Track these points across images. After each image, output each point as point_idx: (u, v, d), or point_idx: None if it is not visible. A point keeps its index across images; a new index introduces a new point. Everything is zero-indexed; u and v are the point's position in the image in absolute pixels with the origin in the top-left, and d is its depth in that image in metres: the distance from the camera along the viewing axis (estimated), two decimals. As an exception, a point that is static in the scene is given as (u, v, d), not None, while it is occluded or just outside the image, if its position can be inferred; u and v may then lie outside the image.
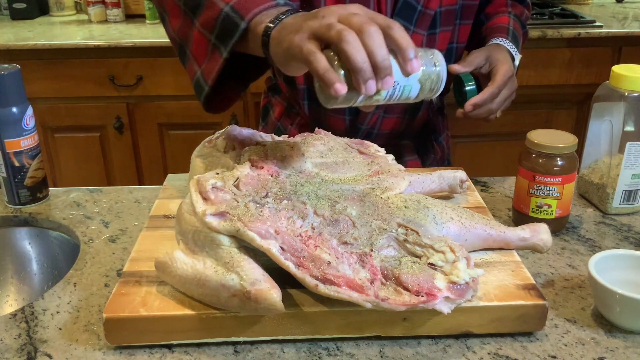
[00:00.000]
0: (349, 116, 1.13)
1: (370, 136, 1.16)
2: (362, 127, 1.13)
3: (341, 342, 0.71)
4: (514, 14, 1.14)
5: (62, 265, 0.99)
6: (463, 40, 1.14)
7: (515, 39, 1.10)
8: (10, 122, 0.97)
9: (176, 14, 0.85)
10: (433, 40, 1.09)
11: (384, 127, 1.15)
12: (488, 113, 1.02)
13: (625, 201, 0.98)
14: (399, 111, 1.13)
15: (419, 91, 0.68)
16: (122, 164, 2.36)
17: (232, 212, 0.70)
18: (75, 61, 2.19)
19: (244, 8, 0.74)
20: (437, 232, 0.75)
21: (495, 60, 1.02)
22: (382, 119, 1.13)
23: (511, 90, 1.03)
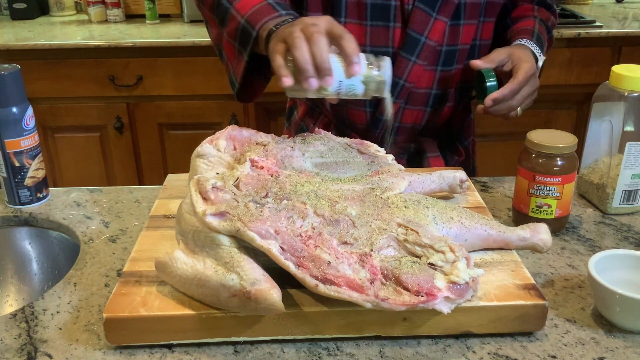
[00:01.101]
0: (369, 108, 1.12)
1: (391, 129, 1.15)
2: (382, 118, 1.12)
3: (341, 342, 0.71)
4: (539, 19, 1.14)
5: (62, 265, 0.99)
6: (486, 37, 1.13)
7: (539, 42, 1.10)
8: (10, 122, 0.97)
9: (213, 24, 1.03)
10: (457, 32, 1.08)
11: (405, 120, 1.14)
12: (508, 109, 1.02)
13: (625, 201, 0.98)
14: (420, 103, 1.12)
15: (365, 90, 0.82)
16: (122, 164, 2.37)
17: (232, 212, 0.70)
18: (75, 61, 2.19)
19: (255, 20, 0.91)
20: (437, 232, 0.75)
21: (517, 58, 1.02)
22: (403, 111, 1.12)
23: (533, 88, 1.03)
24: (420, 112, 1.14)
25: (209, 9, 1.02)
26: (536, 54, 1.07)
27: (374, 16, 1.05)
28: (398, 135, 1.16)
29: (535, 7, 1.17)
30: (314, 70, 0.77)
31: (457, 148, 1.23)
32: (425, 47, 1.06)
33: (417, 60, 1.06)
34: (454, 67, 1.11)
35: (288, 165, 0.84)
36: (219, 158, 0.85)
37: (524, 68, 1.00)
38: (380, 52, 1.03)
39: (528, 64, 1.01)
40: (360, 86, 0.80)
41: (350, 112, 1.15)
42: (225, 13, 0.97)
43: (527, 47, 1.06)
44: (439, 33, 1.06)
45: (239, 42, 0.95)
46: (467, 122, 1.25)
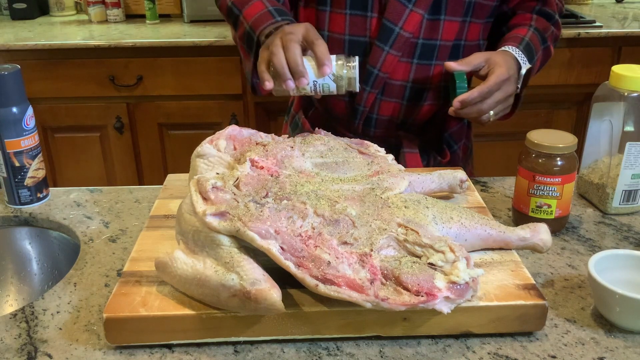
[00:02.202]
0: (347, 98, 1.15)
1: (370, 121, 1.16)
2: (359, 107, 1.14)
3: (341, 342, 0.71)
4: (534, 27, 1.13)
5: (62, 265, 0.99)
6: (472, 38, 1.13)
7: (528, 50, 1.09)
8: (10, 122, 0.97)
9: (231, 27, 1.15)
10: (436, 27, 1.08)
11: (382, 111, 1.15)
12: (478, 113, 1.01)
13: (625, 201, 0.98)
14: (396, 96, 1.13)
15: (338, 87, 0.94)
16: (122, 164, 2.37)
17: (232, 212, 0.70)
18: (75, 61, 2.19)
19: (256, 26, 1.03)
20: (437, 232, 0.75)
21: (493, 63, 1.02)
22: (380, 102, 1.14)
23: (505, 94, 1.02)
24: (397, 105, 1.15)
25: (224, 15, 1.13)
26: (520, 61, 1.06)
27: (353, 5, 1.08)
28: (376, 127, 1.17)
29: (534, 16, 1.16)
30: (290, 73, 0.89)
31: (443, 150, 1.22)
32: (399, 37, 1.07)
33: (391, 50, 1.08)
34: (433, 63, 1.11)
35: (288, 165, 0.84)
36: (219, 158, 0.85)
37: (496, 73, 1.00)
38: (358, 41, 1.10)
39: (502, 69, 1.00)
40: (332, 84, 0.93)
41: (332, 102, 1.18)
42: (236, 19, 1.08)
43: (509, 54, 1.06)
44: (414, 25, 1.07)
45: (246, 45, 1.07)
46: (459, 127, 1.24)
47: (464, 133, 1.26)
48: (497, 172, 1.55)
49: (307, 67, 0.91)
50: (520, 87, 1.08)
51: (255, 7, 1.04)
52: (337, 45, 1.11)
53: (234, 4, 1.08)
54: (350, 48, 1.11)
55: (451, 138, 1.23)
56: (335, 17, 1.10)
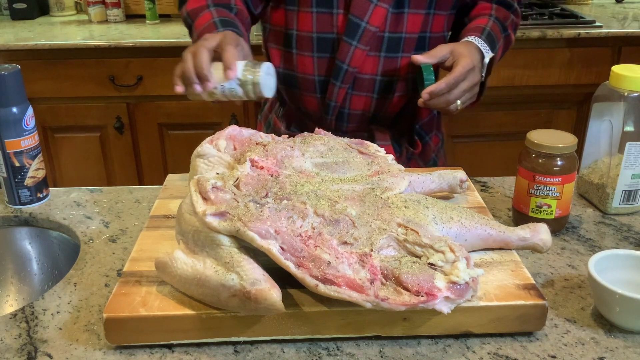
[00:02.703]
0: (319, 94, 1.17)
1: (342, 116, 1.18)
2: (331, 103, 1.16)
3: (341, 342, 0.71)
4: (495, 17, 1.16)
5: (62, 265, 0.99)
6: (437, 30, 1.15)
7: (490, 39, 1.12)
8: (10, 122, 0.97)
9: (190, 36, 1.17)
10: (401, 20, 1.11)
11: (353, 106, 1.17)
12: (446, 103, 1.04)
13: (625, 201, 0.98)
14: (366, 89, 1.16)
15: (244, 92, 0.96)
16: (122, 164, 2.36)
17: (232, 212, 0.70)
18: (75, 61, 2.19)
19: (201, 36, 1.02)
20: (437, 232, 0.75)
21: (458, 54, 1.05)
22: (351, 97, 1.16)
23: (471, 83, 1.05)
24: (368, 99, 1.17)
25: (183, 22, 1.16)
26: (482, 51, 1.09)
27: (319, 3, 1.10)
28: (349, 122, 1.19)
29: (493, 6, 1.19)
30: (196, 77, 0.93)
31: (414, 142, 1.25)
32: (365, 32, 1.09)
33: (359, 44, 1.10)
34: (400, 55, 1.13)
35: (288, 165, 0.84)
36: (219, 158, 0.85)
37: (461, 63, 1.03)
38: (326, 38, 1.13)
39: (467, 59, 1.03)
40: (238, 88, 0.95)
41: (304, 99, 1.19)
42: (190, 28, 1.12)
43: (472, 44, 1.09)
44: (380, 19, 1.09)
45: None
46: (429, 118, 1.27)
47: (434, 124, 1.29)
48: (497, 172, 1.55)
49: (214, 71, 0.94)
50: (485, 75, 1.11)
51: (204, 18, 1.07)
52: (307, 44, 1.13)
53: (189, 14, 1.11)
54: (319, 45, 1.13)
55: (422, 129, 1.26)
56: (303, 16, 1.12)
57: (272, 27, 1.18)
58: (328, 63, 1.14)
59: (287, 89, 1.22)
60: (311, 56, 1.14)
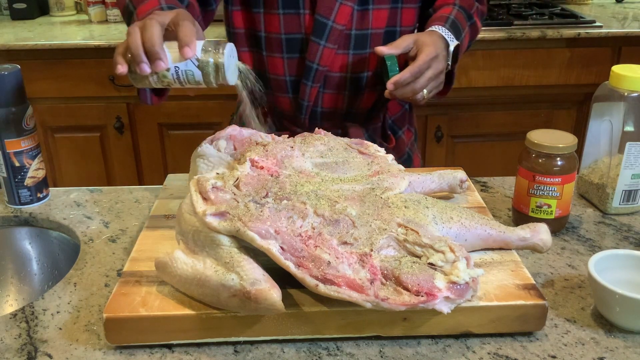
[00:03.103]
0: (291, 94, 1.17)
1: (315, 115, 1.18)
2: (304, 102, 1.16)
3: (341, 342, 0.71)
4: (459, 6, 1.16)
5: (62, 265, 0.99)
6: (407, 24, 1.16)
7: (455, 28, 1.12)
8: (10, 122, 0.97)
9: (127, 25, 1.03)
10: (366, 17, 1.12)
11: (326, 104, 1.18)
12: (412, 93, 1.03)
13: (625, 201, 0.98)
14: (338, 87, 1.16)
15: (204, 75, 0.81)
16: (122, 164, 2.36)
17: (232, 212, 0.70)
18: (75, 61, 2.19)
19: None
20: (437, 232, 0.75)
21: (421, 43, 1.04)
22: (323, 95, 1.16)
23: (436, 71, 1.04)
24: (340, 96, 1.17)
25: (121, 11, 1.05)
26: (447, 39, 1.08)
27: (285, 4, 1.10)
28: (322, 120, 1.19)
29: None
30: (145, 55, 0.79)
31: (388, 136, 1.26)
32: (332, 30, 1.10)
33: (327, 44, 1.11)
34: (368, 51, 1.14)
35: (288, 165, 0.84)
36: (219, 158, 0.85)
37: (425, 52, 1.02)
38: (294, 39, 1.13)
39: (430, 48, 1.03)
40: (197, 71, 0.81)
41: (277, 99, 1.20)
42: (130, 16, 1.00)
43: (436, 33, 1.08)
44: (346, 17, 1.10)
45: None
46: (401, 112, 1.28)
47: (406, 119, 1.30)
48: (497, 172, 1.55)
49: (167, 51, 0.79)
50: (451, 64, 1.10)
51: (150, 4, 0.96)
52: (276, 45, 1.13)
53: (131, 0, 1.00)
54: (288, 46, 1.13)
55: (394, 124, 1.27)
56: (269, 18, 1.12)
57: (237, 30, 1.17)
58: (298, 63, 1.14)
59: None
60: (281, 57, 1.14)
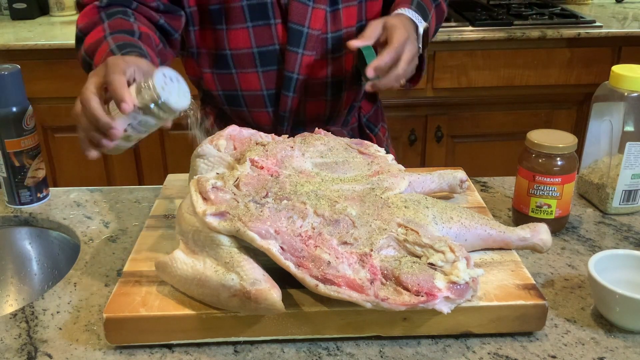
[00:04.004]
0: (270, 108, 1.14)
1: (297, 124, 1.16)
2: (285, 114, 1.14)
3: (341, 342, 0.71)
4: None
5: (62, 265, 0.99)
6: (373, 17, 1.13)
7: (421, 9, 1.08)
8: (10, 122, 0.97)
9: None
10: (338, 18, 1.10)
11: (309, 112, 1.16)
12: (396, 79, 0.98)
13: (625, 201, 0.98)
14: (319, 94, 1.14)
15: (157, 118, 0.75)
16: (122, 164, 2.36)
17: (232, 212, 0.70)
18: (75, 61, 2.17)
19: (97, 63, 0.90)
20: (437, 232, 0.75)
21: (390, 26, 0.99)
22: (305, 104, 1.14)
23: (411, 54, 0.99)
24: (322, 102, 1.16)
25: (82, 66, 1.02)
26: (415, 21, 1.04)
27: (253, 17, 1.06)
28: (306, 127, 1.17)
29: None
30: (100, 134, 0.75)
31: (367, 136, 1.25)
32: (309, 37, 1.07)
33: (305, 51, 1.08)
34: (344, 52, 1.12)
35: (288, 165, 0.84)
36: (219, 158, 0.85)
37: (396, 34, 0.97)
38: (268, 51, 1.08)
39: (400, 30, 0.98)
40: (147, 118, 0.75)
41: (253, 115, 1.16)
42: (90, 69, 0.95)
43: (403, 15, 1.04)
44: (320, 21, 1.07)
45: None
46: (373, 109, 1.27)
47: (379, 115, 1.29)
48: (497, 172, 1.55)
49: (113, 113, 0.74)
50: (422, 47, 1.07)
51: (101, 51, 0.91)
52: (248, 60, 1.09)
53: (87, 52, 0.96)
54: (262, 59, 1.09)
55: (370, 122, 1.27)
56: (236, 34, 1.07)
57: (200, 51, 1.11)
58: (276, 75, 1.10)
59: (231, 109, 1.17)
60: (255, 72, 1.10)
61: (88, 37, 0.96)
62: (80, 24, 1.00)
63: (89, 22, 0.99)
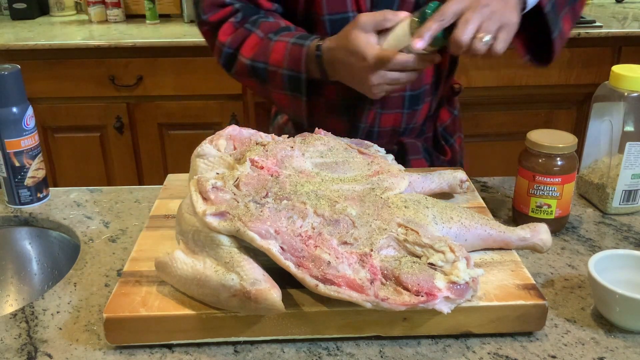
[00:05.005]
0: (347, 117, 1.13)
1: (371, 134, 1.15)
2: (361, 125, 1.12)
3: (341, 342, 0.71)
4: None
5: (62, 265, 0.99)
6: None
7: None
8: (10, 122, 0.97)
9: (255, 85, 1.08)
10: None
11: (383, 124, 1.14)
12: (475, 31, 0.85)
13: (625, 201, 0.98)
14: (396, 107, 1.12)
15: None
16: (122, 164, 2.37)
17: (232, 212, 0.70)
18: (75, 61, 2.19)
19: (295, 65, 0.99)
20: (437, 232, 0.75)
21: None
22: (380, 116, 1.12)
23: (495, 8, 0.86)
24: (398, 115, 1.13)
25: (247, 77, 1.07)
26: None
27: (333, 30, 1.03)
28: (379, 138, 1.15)
29: None
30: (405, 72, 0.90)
31: (442, 147, 1.22)
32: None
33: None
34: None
35: (288, 165, 0.84)
36: (219, 158, 0.85)
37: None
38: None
39: None
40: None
41: (331, 122, 1.14)
42: (264, 72, 1.03)
43: None
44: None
45: (291, 89, 1.02)
46: (451, 119, 1.24)
47: (457, 124, 1.25)
48: (497, 172, 1.55)
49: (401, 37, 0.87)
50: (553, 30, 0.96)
51: (278, 50, 0.99)
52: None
53: (254, 60, 1.03)
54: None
55: (446, 132, 1.23)
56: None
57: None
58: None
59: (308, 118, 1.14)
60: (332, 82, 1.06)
61: (244, 49, 1.03)
62: (225, 41, 1.05)
63: (235, 37, 1.04)
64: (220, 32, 1.06)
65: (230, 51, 1.05)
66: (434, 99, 1.18)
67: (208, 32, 1.09)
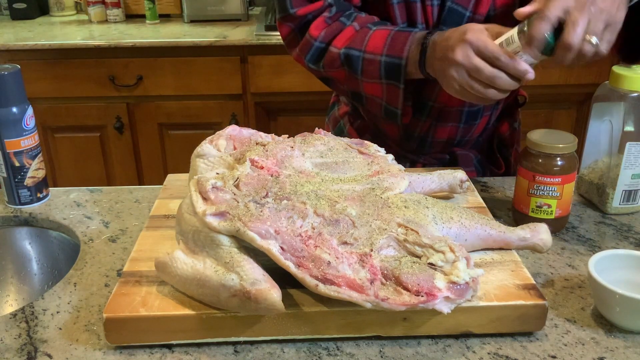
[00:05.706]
0: (402, 123, 1.08)
1: (424, 143, 1.13)
2: (414, 134, 1.12)
3: (341, 342, 0.71)
4: None
5: (62, 265, 0.99)
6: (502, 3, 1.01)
7: None
8: (10, 122, 0.97)
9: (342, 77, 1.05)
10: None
11: (438, 135, 1.12)
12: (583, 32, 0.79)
13: (625, 201, 0.98)
14: (453, 120, 1.09)
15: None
16: (122, 164, 2.37)
17: (232, 212, 0.70)
18: (75, 61, 2.19)
19: (396, 50, 0.97)
20: (437, 232, 0.75)
21: None
22: (436, 127, 1.11)
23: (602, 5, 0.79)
24: (454, 128, 1.11)
25: (337, 67, 1.04)
26: None
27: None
28: (432, 147, 1.14)
29: None
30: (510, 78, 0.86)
31: (497, 160, 1.19)
32: None
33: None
34: None
35: (288, 165, 0.84)
36: (219, 158, 0.85)
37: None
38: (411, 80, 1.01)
39: None
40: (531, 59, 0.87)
41: (384, 125, 1.14)
42: (359, 60, 1.00)
43: None
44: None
45: (387, 77, 0.99)
46: (511, 130, 1.19)
47: (515, 136, 1.20)
48: (497, 172, 1.55)
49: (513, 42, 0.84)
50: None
51: (378, 37, 0.97)
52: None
53: (349, 48, 1.00)
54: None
55: (503, 144, 1.19)
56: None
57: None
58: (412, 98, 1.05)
59: (367, 113, 1.15)
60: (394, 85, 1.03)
61: (337, 40, 1.01)
62: (317, 35, 1.03)
63: (329, 30, 1.03)
64: (312, 27, 1.03)
65: (322, 45, 1.03)
66: (494, 112, 1.14)
67: (291, 28, 1.06)
